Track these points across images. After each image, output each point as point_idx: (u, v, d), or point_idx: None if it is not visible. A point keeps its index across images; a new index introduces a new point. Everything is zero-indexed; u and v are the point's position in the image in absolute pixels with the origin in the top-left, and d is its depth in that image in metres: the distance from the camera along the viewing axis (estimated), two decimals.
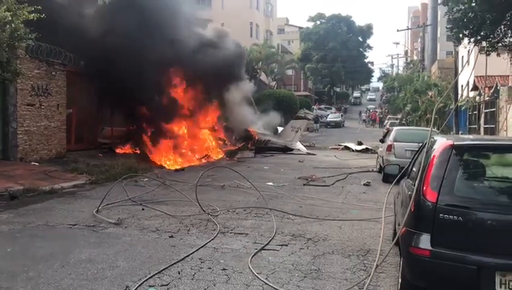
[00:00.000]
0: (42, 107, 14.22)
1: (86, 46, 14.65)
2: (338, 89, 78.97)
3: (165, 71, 16.22)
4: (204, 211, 8.07)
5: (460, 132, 23.90)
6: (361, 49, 70.77)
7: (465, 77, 26.78)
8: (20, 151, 13.38)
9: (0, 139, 13.08)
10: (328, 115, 52.59)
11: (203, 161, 17.65)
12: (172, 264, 5.31)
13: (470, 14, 12.50)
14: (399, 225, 4.63)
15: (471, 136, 8.07)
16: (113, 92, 15.52)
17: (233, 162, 17.51)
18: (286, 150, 22.85)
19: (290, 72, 55.54)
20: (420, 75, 38.03)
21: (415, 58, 56.77)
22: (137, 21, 14.73)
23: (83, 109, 16.84)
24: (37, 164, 13.24)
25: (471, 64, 24.23)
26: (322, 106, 59.80)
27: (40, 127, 14.12)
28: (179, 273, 5.07)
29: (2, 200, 9.07)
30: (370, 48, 73.02)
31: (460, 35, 13.30)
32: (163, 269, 5.13)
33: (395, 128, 16.25)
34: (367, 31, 70.69)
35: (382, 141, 16.00)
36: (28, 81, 13.42)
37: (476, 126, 24.28)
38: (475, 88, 27.55)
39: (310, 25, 70.19)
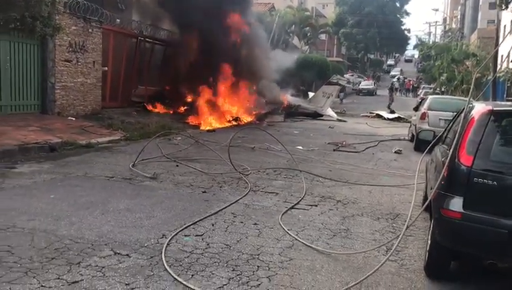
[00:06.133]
0: (79, 63, 14.50)
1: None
2: (372, 56, 77.12)
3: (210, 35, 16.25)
4: (236, 170, 8.23)
5: None
6: (398, 15, 68.49)
7: (507, 47, 25.78)
8: (57, 106, 13.77)
9: (39, 93, 13.46)
10: (360, 82, 51.64)
11: (234, 123, 17.78)
12: (207, 217, 5.53)
13: None
14: (431, 189, 4.66)
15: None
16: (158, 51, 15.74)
17: (263, 126, 17.58)
18: (316, 115, 22.75)
19: (323, 36, 54.52)
20: (458, 44, 36.77)
21: (454, 26, 54.78)
22: None
23: (118, 67, 17.06)
24: (73, 118, 13.62)
25: None
26: (355, 75, 58.20)
27: (76, 83, 14.45)
28: (213, 225, 5.28)
29: (42, 151, 9.45)
30: (407, 14, 70.62)
31: None
32: (198, 221, 5.34)
33: (430, 96, 15.93)
34: None
35: (416, 109, 15.76)
36: (66, 37, 13.65)
37: None
38: None
39: None
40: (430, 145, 6.18)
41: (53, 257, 4.10)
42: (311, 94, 26.54)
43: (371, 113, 26.95)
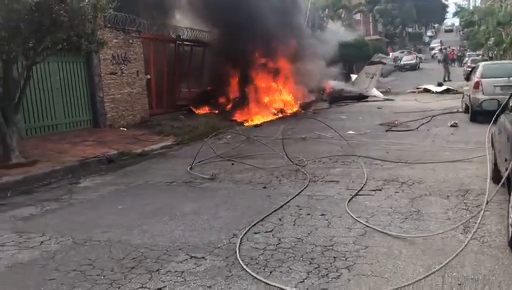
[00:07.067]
0: (123, 74, 14.82)
1: None
2: (410, 30, 74.73)
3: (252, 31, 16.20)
4: (292, 162, 8.18)
5: None
6: None
7: None
8: (108, 119, 14.14)
9: (90, 108, 13.88)
10: (402, 58, 50.15)
11: (279, 115, 17.71)
12: (273, 212, 5.50)
13: None
14: (506, 161, 4.44)
15: None
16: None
17: (309, 115, 17.42)
18: (361, 98, 22.32)
19: (358, 16, 53.38)
20: (502, 5, 34.93)
21: None
22: None
23: (160, 73, 17.32)
24: (125, 129, 13.96)
25: None
26: (405, 51, 56.07)
27: (123, 94, 14.79)
28: (280, 220, 5.26)
29: (101, 164, 9.72)
30: None
31: None
32: (265, 217, 5.32)
33: (481, 63, 15.19)
34: None
35: (467, 78, 15.11)
36: (109, 50, 13.98)
37: None
38: None
39: None
40: (496, 114, 5.89)
41: (133, 267, 4.19)
42: (353, 76, 26.03)
43: (417, 88, 26.16)
